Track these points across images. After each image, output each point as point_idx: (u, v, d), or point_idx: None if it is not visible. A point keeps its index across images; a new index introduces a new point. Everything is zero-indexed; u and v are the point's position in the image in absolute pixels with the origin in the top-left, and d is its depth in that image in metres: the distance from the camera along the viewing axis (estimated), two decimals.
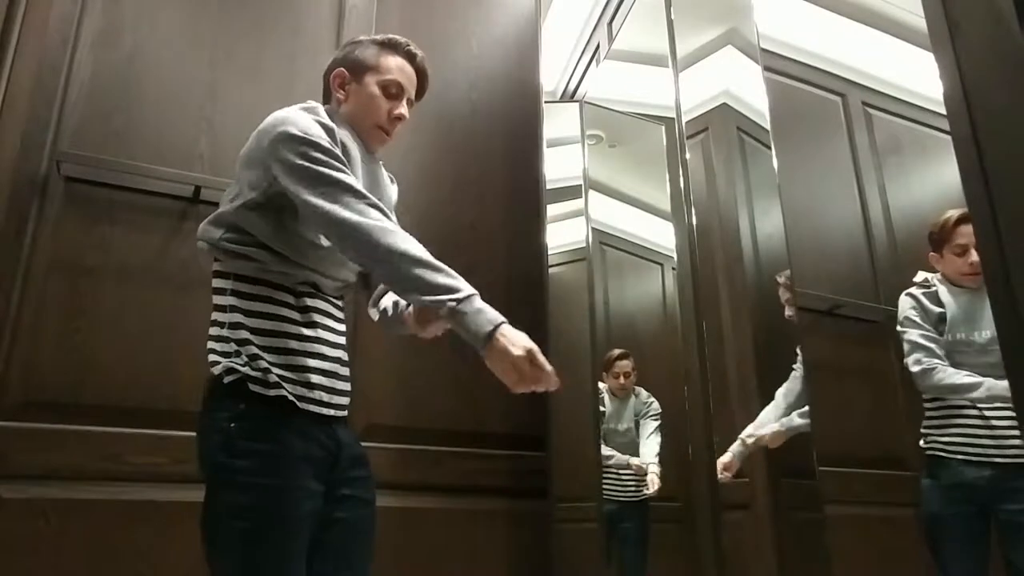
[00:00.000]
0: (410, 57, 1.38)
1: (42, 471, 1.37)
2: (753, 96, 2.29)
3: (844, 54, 2.29)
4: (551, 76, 3.60)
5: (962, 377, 1.75)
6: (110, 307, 1.50)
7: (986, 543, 1.68)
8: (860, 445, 1.91)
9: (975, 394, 1.73)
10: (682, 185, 2.62)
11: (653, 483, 2.55)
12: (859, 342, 2.19)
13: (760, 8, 2.28)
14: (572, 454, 2.22)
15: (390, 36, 1.38)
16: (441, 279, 1.09)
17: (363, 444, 1.57)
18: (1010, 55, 0.90)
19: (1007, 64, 0.91)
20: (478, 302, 1.08)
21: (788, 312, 2.14)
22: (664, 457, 2.68)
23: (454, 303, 1.07)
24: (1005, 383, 1.67)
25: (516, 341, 1.06)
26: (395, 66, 1.36)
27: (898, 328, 1.91)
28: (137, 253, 1.55)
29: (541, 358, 1.06)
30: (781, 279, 2.12)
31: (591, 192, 2.89)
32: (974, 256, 1.82)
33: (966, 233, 1.83)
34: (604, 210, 2.91)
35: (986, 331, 1.81)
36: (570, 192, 2.83)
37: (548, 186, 2.36)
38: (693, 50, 2.69)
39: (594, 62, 3.50)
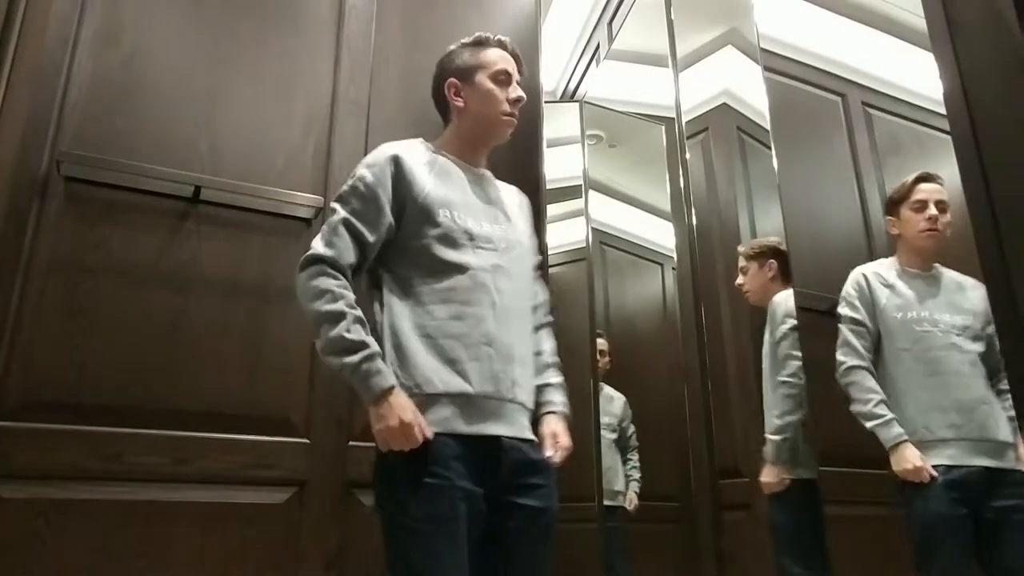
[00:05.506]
0: (501, 45, 1.48)
1: (42, 471, 1.37)
2: (753, 96, 2.29)
3: (844, 54, 2.29)
4: (551, 76, 3.60)
5: (871, 406, 1.72)
6: (110, 307, 1.50)
7: (972, 545, 1.65)
8: (860, 445, 1.90)
9: (870, 425, 1.71)
10: (682, 185, 2.62)
11: (632, 501, 2.59)
12: None
13: (760, 8, 2.28)
14: (572, 454, 2.22)
15: (476, 35, 1.50)
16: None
17: (362, 445, 1.58)
18: (1010, 55, 0.90)
19: (1007, 64, 0.91)
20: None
21: (739, 281, 2.23)
22: (664, 457, 2.68)
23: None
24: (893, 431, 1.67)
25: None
26: (497, 57, 1.46)
27: (839, 308, 1.87)
28: (137, 253, 1.55)
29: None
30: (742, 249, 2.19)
31: (591, 192, 2.89)
32: (932, 210, 1.82)
33: (925, 190, 1.84)
34: (604, 210, 2.92)
35: (945, 315, 1.79)
36: (570, 192, 2.84)
37: (548, 186, 2.36)
38: (693, 50, 2.69)
39: (594, 62, 3.50)
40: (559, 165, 2.85)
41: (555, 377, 1.42)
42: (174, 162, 1.62)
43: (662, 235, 2.81)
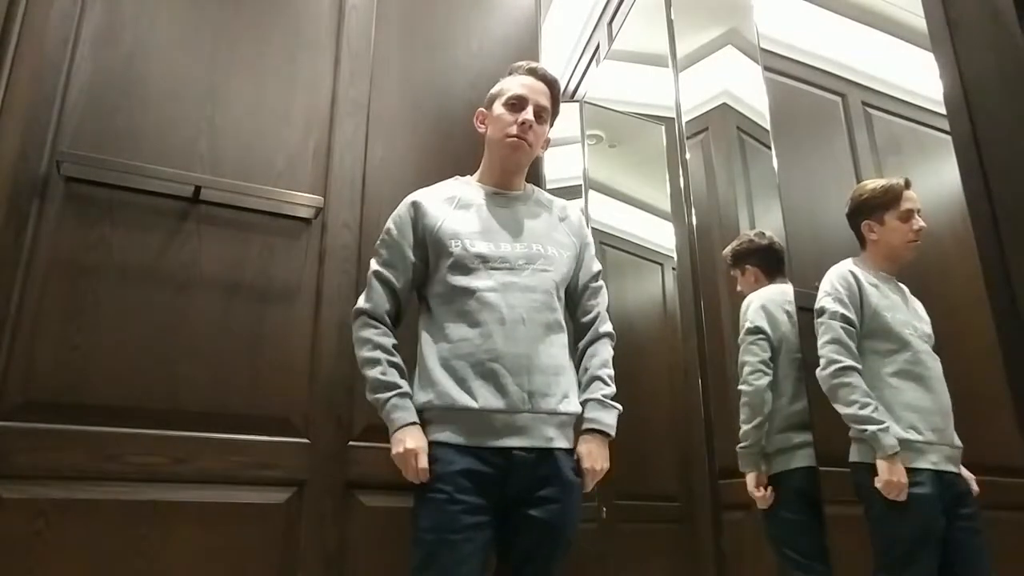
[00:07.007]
0: (530, 72, 1.55)
1: (42, 471, 1.37)
2: (753, 96, 2.29)
3: (844, 54, 2.29)
4: None
5: (869, 411, 1.66)
6: (110, 307, 1.50)
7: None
8: None
9: (870, 430, 1.64)
10: (682, 185, 2.62)
11: None
12: None
13: (760, 8, 2.28)
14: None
15: (514, 64, 1.59)
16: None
17: (362, 445, 1.58)
18: (1010, 55, 0.90)
19: (1007, 64, 0.91)
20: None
21: (738, 287, 2.25)
22: (664, 457, 2.68)
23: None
24: (889, 438, 1.63)
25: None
26: (515, 84, 1.53)
27: (820, 303, 1.83)
28: (137, 253, 1.55)
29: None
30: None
31: (591, 192, 2.89)
32: (919, 221, 1.80)
33: (911, 198, 1.82)
34: (604, 210, 2.92)
35: (917, 322, 1.78)
36: (570, 192, 2.84)
37: (548, 186, 2.37)
38: (693, 50, 2.69)
39: (594, 62, 3.51)
40: (559, 165, 2.85)
41: (599, 391, 1.42)
42: (174, 162, 1.62)
43: (662, 235, 2.81)
